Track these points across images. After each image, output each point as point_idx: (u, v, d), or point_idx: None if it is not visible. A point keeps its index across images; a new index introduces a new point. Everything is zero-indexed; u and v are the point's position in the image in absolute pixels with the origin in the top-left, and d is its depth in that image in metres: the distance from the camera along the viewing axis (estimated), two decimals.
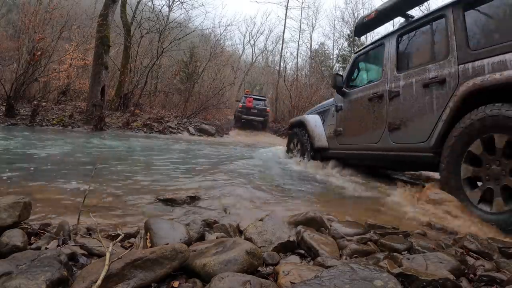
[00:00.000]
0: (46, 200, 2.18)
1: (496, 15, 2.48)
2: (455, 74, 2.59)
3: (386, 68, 3.40)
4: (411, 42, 3.30)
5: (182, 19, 18.56)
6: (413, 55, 3.26)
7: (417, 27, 3.23)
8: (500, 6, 2.44)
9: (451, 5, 2.78)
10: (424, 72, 2.89)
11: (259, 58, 32.67)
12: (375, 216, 2.34)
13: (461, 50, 2.61)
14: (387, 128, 3.24)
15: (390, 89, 3.25)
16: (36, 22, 10.21)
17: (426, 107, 2.78)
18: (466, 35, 2.60)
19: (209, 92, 16.25)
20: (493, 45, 2.37)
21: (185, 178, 3.45)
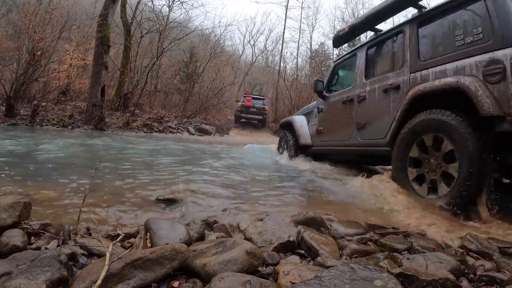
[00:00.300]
0: (46, 200, 2.17)
1: (440, 31, 2.92)
2: (407, 82, 3.06)
3: (357, 76, 3.92)
4: (376, 53, 3.80)
5: (182, 19, 18.57)
6: (378, 64, 3.73)
7: (382, 40, 3.71)
8: (443, 23, 2.90)
9: (408, 22, 3.26)
10: (385, 80, 3.38)
11: (259, 58, 32.70)
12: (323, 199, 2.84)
13: (413, 61, 3.08)
14: (355, 127, 3.75)
15: (359, 94, 3.77)
16: (36, 22, 10.20)
17: (385, 109, 3.26)
18: (418, 48, 3.08)
19: (209, 92, 16.25)
20: (437, 56, 2.83)
21: (185, 177, 3.45)
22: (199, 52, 17.61)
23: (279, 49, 25.94)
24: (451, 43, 2.75)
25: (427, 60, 2.94)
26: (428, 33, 3.07)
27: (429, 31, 3.07)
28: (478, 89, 2.30)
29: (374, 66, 3.79)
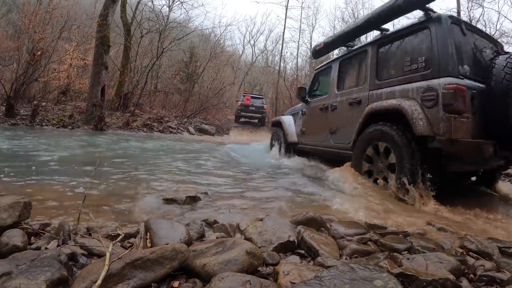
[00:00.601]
0: (46, 200, 2.18)
1: (395, 55, 3.29)
2: (366, 98, 3.52)
3: (331, 86, 4.38)
4: (346, 68, 4.22)
5: (182, 19, 18.56)
6: (347, 78, 4.19)
7: (351, 56, 4.12)
8: (397, 48, 3.28)
9: (371, 43, 3.65)
10: (351, 93, 3.85)
11: (259, 58, 32.68)
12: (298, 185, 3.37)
13: (372, 80, 3.52)
14: (329, 131, 4.24)
15: (331, 103, 4.26)
16: (36, 22, 10.20)
17: (350, 119, 3.73)
18: (376, 68, 3.50)
19: (209, 92, 16.25)
20: (389, 78, 3.27)
21: (184, 176, 3.46)
22: (199, 52, 17.60)
23: (279, 49, 25.93)
24: (401, 68, 3.16)
25: (382, 81, 3.38)
26: (386, 55, 3.45)
27: (386, 54, 3.44)
28: (414, 112, 2.74)
29: (344, 79, 4.25)
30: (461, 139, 2.55)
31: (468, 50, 2.89)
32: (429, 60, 2.83)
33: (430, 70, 2.80)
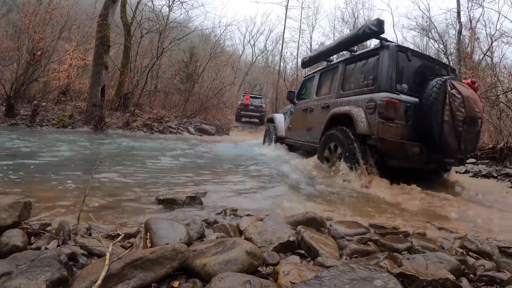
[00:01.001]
0: (46, 200, 2.17)
1: (355, 72, 4.17)
2: (333, 104, 4.36)
3: (312, 92, 5.30)
4: (324, 78, 5.09)
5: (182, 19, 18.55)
6: (323, 87, 5.04)
7: (327, 69, 5.02)
8: (357, 67, 4.15)
9: (341, 61, 4.59)
10: (324, 100, 4.75)
11: (259, 58, 32.66)
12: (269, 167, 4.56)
13: (338, 90, 4.39)
14: (307, 129, 5.08)
15: (310, 106, 5.14)
16: (36, 22, 10.18)
17: (321, 120, 4.44)
18: (342, 81, 4.38)
19: (209, 92, 16.24)
20: (349, 90, 4.16)
21: (183, 176, 3.46)
22: (199, 52, 17.58)
23: (279, 49, 25.93)
24: (357, 82, 4.02)
25: (345, 91, 4.24)
26: (349, 72, 4.31)
27: (350, 71, 4.31)
28: (358, 116, 3.57)
29: (321, 87, 5.10)
30: (388, 139, 3.34)
31: (410, 72, 3.68)
32: (375, 79, 3.68)
33: (374, 86, 3.65)
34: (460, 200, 3.27)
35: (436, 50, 19.83)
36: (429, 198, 3.16)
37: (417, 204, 2.91)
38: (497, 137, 8.20)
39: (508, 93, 9.17)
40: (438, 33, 18.38)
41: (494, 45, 14.12)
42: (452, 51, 17.14)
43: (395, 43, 3.76)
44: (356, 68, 4.16)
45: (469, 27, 14.08)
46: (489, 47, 14.00)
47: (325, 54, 5.17)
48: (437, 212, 2.76)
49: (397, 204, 2.88)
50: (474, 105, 3.35)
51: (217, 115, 16.05)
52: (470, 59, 14.56)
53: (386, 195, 3.12)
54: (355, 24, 23.94)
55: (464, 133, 3.33)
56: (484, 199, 3.38)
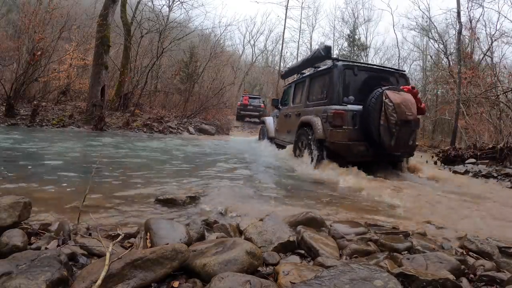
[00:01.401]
0: (46, 200, 2.18)
1: (317, 86, 4.97)
2: (302, 112, 5.17)
3: (290, 100, 6.19)
4: (297, 89, 5.90)
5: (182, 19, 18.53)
6: (297, 97, 5.85)
7: (299, 82, 5.83)
8: (319, 82, 4.91)
9: (308, 76, 5.40)
10: (296, 108, 5.60)
11: (259, 58, 32.65)
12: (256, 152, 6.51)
13: (305, 100, 5.24)
14: (287, 131, 5.93)
15: (288, 112, 5.97)
16: (36, 22, 10.17)
17: (295, 124, 5.24)
18: (308, 93, 5.21)
19: (209, 92, 16.23)
20: (312, 101, 5.01)
21: (184, 176, 3.46)
22: (199, 52, 17.56)
23: (279, 49, 25.94)
24: (317, 95, 4.88)
25: (310, 102, 5.10)
26: (313, 85, 5.16)
27: (313, 85, 5.14)
28: (317, 125, 4.43)
29: (295, 97, 5.93)
30: (337, 142, 4.24)
31: (356, 85, 4.43)
32: (327, 93, 4.50)
33: (327, 99, 4.47)
34: (405, 185, 3.80)
35: (436, 50, 19.85)
36: (366, 180, 3.85)
37: (350, 181, 3.71)
38: (497, 137, 8.20)
39: (508, 93, 9.17)
40: (438, 33, 18.39)
41: (494, 45, 14.12)
42: (452, 51, 17.13)
43: (344, 62, 4.53)
44: (316, 83, 5.05)
45: (469, 27, 14.07)
46: (489, 47, 14.00)
47: (295, 70, 6.33)
48: (361, 185, 3.51)
49: (333, 181, 3.73)
50: (406, 109, 4.00)
51: (217, 115, 16.03)
52: (470, 59, 14.56)
53: (329, 174, 4.06)
54: (355, 24, 23.96)
55: (397, 133, 4.06)
56: (434, 186, 3.97)
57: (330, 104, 4.31)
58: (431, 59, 21.08)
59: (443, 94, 19.70)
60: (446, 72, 16.32)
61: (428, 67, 21.78)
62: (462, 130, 12.40)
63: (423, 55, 22.53)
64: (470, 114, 11.59)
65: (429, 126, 20.14)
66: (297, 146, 5.08)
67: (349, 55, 23.26)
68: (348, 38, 23.78)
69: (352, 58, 23.01)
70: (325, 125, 4.29)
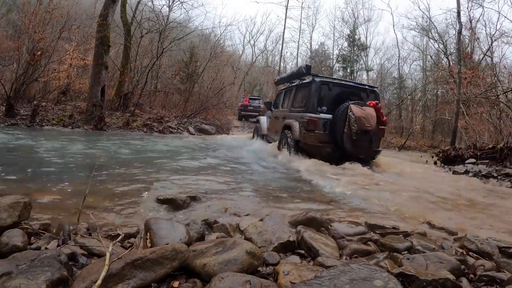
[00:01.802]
0: (46, 200, 2.17)
1: (300, 95, 5.77)
2: (287, 116, 5.96)
3: (280, 105, 7.07)
4: (286, 96, 6.74)
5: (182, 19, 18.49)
6: (285, 102, 6.66)
7: (288, 90, 6.73)
8: (301, 91, 5.76)
9: (294, 86, 6.21)
10: (283, 112, 6.43)
11: (259, 58, 32.63)
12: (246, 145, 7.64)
13: (290, 106, 6.10)
14: (275, 130, 6.67)
15: (278, 115, 6.77)
16: (36, 22, 10.16)
17: (281, 125, 6.05)
18: (293, 100, 6.04)
19: (209, 92, 16.22)
20: (295, 108, 5.85)
21: (183, 175, 3.45)
22: (199, 52, 17.54)
23: (279, 49, 25.94)
24: (299, 103, 5.71)
25: (294, 108, 5.90)
26: (297, 94, 5.98)
27: (297, 94, 5.97)
28: (295, 128, 5.23)
29: (284, 102, 6.73)
30: (309, 143, 5.09)
31: (330, 98, 5.25)
32: (305, 102, 5.36)
33: (305, 108, 5.30)
34: (357, 172, 4.59)
35: (436, 50, 19.84)
36: (327, 166, 4.77)
37: (307, 165, 4.73)
38: (497, 137, 8.20)
39: (508, 93, 9.16)
40: (438, 33, 18.39)
41: (494, 45, 14.13)
42: (452, 51, 17.14)
43: (321, 79, 5.41)
44: (300, 93, 5.83)
45: (469, 27, 14.07)
46: (489, 47, 14.00)
47: (285, 79, 7.32)
48: (313, 169, 4.54)
49: (298, 169, 4.64)
50: (366, 122, 4.79)
51: (217, 115, 16.02)
52: (470, 59, 14.56)
53: (297, 164, 4.89)
54: (355, 24, 23.94)
55: (357, 141, 4.87)
56: (378, 173, 4.90)
57: (306, 112, 5.14)
58: (431, 59, 21.09)
59: (443, 94, 19.71)
60: (446, 72, 16.33)
61: (428, 67, 21.80)
62: (462, 130, 12.40)
63: (423, 55, 22.54)
64: (470, 114, 11.59)
65: (429, 126, 20.15)
66: (281, 143, 5.97)
67: (349, 55, 23.24)
68: (348, 38, 23.77)
69: (352, 58, 23.00)
70: (301, 129, 5.11)
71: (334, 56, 25.34)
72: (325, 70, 24.34)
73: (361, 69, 23.59)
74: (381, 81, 23.69)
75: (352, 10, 24.63)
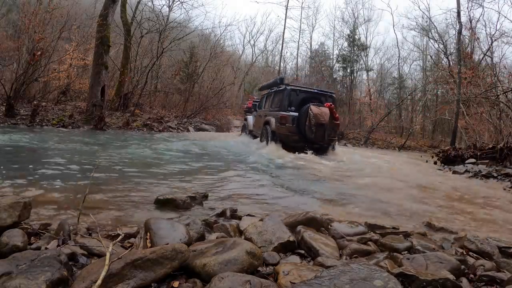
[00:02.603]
0: (47, 200, 2.17)
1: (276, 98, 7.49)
2: (267, 114, 7.57)
3: (262, 106, 8.76)
4: (267, 99, 8.37)
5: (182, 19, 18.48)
6: (266, 104, 8.32)
7: (268, 95, 8.34)
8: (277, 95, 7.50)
9: (273, 91, 7.86)
10: (265, 112, 8.02)
11: (259, 58, 32.62)
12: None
13: (269, 107, 7.84)
14: (258, 126, 8.27)
15: (260, 114, 8.42)
16: (36, 22, 10.16)
17: (262, 122, 7.79)
18: (272, 102, 7.81)
19: (209, 92, 16.24)
20: (273, 108, 7.58)
21: (183, 174, 3.46)
22: (199, 52, 17.56)
23: (279, 49, 25.95)
24: (276, 104, 7.34)
25: (272, 108, 7.54)
26: (274, 98, 7.61)
27: (274, 97, 7.58)
28: (272, 122, 7.04)
29: (265, 104, 8.37)
30: (282, 133, 6.69)
31: (297, 101, 6.90)
32: (280, 104, 7.04)
33: (279, 108, 6.99)
34: (305, 157, 6.23)
35: (436, 50, 19.85)
36: (293, 154, 6.28)
37: (270, 151, 6.49)
38: (497, 137, 8.20)
39: (508, 93, 9.16)
40: (438, 33, 18.39)
41: (494, 45, 14.12)
42: (452, 51, 17.14)
43: (291, 87, 7.16)
44: (276, 97, 7.53)
45: (469, 27, 14.07)
46: (489, 47, 13.99)
47: (266, 87, 9.07)
48: (279, 153, 6.29)
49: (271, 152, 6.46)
50: (321, 117, 6.40)
51: (217, 115, 16.04)
52: (470, 59, 14.56)
53: (270, 150, 6.61)
54: (355, 24, 23.92)
55: (315, 131, 6.50)
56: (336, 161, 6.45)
57: (280, 111, 6.89)
58: (431, 59, 21.08)
59: (443, 94, 19.71)
60: (446, 72, 16.32)
61: (428, 67, 21.79)
62: (462, 130, 12.40)
63: (423, 55, 22.54)
64: (470, 114, 11.59)
65: (429, 126, 20.15)
66: (262, 135, 7.69)
67: (349, 55, 23.23)
68: (348, 38, 23.74)
69: (352, 58, 22.99)
70: (276, 123, 6.83)
71: (334, 56, 25.32)
72: (325, 70, 24.33)
73: (361, 69, 23.58)
74: (381, 81, 23.69)
75: (352, 10, 24.61)
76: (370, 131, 15.92)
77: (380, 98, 22.95)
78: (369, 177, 4.69)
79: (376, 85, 23.84)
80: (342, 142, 13.50)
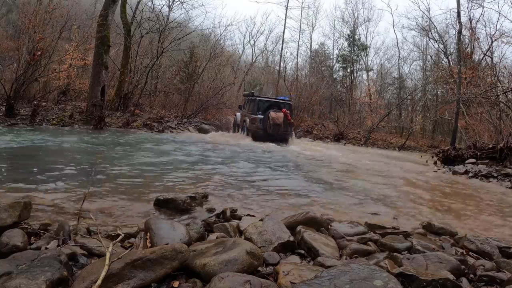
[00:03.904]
0: (47, 200, 2.17)
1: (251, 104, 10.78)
2: (246, 115, 10.96)
3: (245, 107, 11.64)
4: (247, 104, 11.38)
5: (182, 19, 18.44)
6: (246, 107, 11.38)
7: (248, 100, 11.40)
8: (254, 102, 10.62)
9: (251, 99, 11.04)
10: (245, 113, 11.29)
11: (259, 58, 32.52)
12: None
13: (248, 110, 11.05)
14: (242, 122, 11.25)
15: (244, 113, 11.40)
16: (36, 22, 10.13)
17: (243, 120, 11.28)
18: (249, 107, 11.07)
19: (209, 92, 16.22)
20: (249, 111, 10.96)
21: (182, 173, 3.45)
22: (199, 52, 17.53)
23: (279, 49, 25.86)
24: (250, 109, 10.69)
25: (248, 111, 10.82)
26: (250, 103, 10.81)
27: (251, 103, 10.74)
28: (247, 121, 10.49)
29: (246, 107, 11.19)
30: (252, 129, 9.99)
31: (263, 107, 10.12)
32: (253, 109, 10.26)
33: (252, 112, 10.26)
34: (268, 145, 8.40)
35: (436, 50, 19.84)
36: (256, 143, 8.70)
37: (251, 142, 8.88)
38: (497, 137, 8.19)
39: (508, 93, 9.16)
40: (438, 33, 18.35)
41: (494, 45, 14.11)
42: (452, 51, 17.13)
43: (259, 97, 10.58)
44: (251, 104, 10.35)
45: (469, 27, 14.07)
46: (489, 47, 13.99)
47: (246, 95, 11.96)
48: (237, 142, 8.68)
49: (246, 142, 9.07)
50: (277, 120, 9.32)
51: (217, 115, 16.02)
52: (470, 59, 14.56)
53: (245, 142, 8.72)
54: (355, 24, 23.90)
55: (272, 129, 9.34)
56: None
57: (252, 114, 9.86)
58: (431, 59, 21.06)
59: (443, 94, 19.70)
60: (446, 72, 16.32)
61: (428, 67, 21.77)
62: (462, 130, 12.40)
63: (423, 55, 22.50)
64: (470, 114, 11.59)
65: (429, 126, 20.15)
66: (243, 129, 10.46)
67: (349, 55, 23.21)
68: (348, 38, 23.70)
69: (352, 58, 23.00)
70: (250, 122, 9.84)
71: (334, 56, 25.28)
72: (325, 70, 24.31)
73: (361, 69, 23.56)
74: (381, 81, 23.67)
75: (352, 10, 24.56)
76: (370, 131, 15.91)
77: (380, 98, 22.92)
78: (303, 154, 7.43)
79: (376, 85, 23.82)
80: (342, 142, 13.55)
